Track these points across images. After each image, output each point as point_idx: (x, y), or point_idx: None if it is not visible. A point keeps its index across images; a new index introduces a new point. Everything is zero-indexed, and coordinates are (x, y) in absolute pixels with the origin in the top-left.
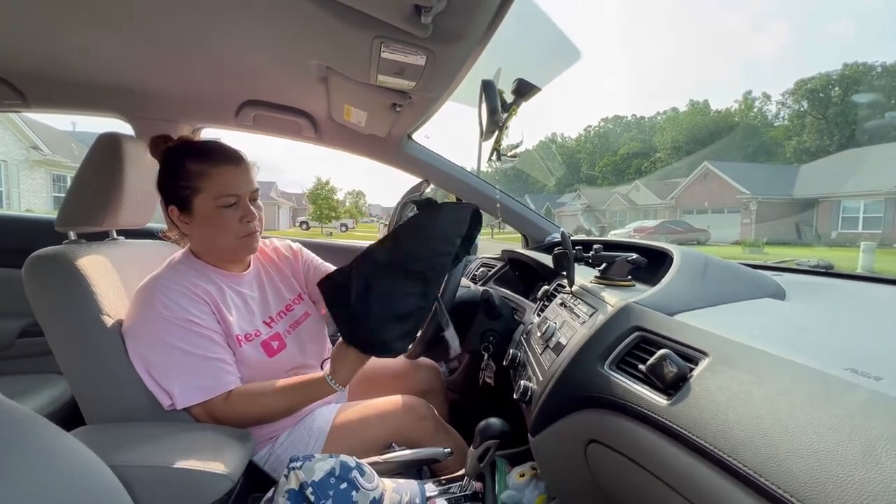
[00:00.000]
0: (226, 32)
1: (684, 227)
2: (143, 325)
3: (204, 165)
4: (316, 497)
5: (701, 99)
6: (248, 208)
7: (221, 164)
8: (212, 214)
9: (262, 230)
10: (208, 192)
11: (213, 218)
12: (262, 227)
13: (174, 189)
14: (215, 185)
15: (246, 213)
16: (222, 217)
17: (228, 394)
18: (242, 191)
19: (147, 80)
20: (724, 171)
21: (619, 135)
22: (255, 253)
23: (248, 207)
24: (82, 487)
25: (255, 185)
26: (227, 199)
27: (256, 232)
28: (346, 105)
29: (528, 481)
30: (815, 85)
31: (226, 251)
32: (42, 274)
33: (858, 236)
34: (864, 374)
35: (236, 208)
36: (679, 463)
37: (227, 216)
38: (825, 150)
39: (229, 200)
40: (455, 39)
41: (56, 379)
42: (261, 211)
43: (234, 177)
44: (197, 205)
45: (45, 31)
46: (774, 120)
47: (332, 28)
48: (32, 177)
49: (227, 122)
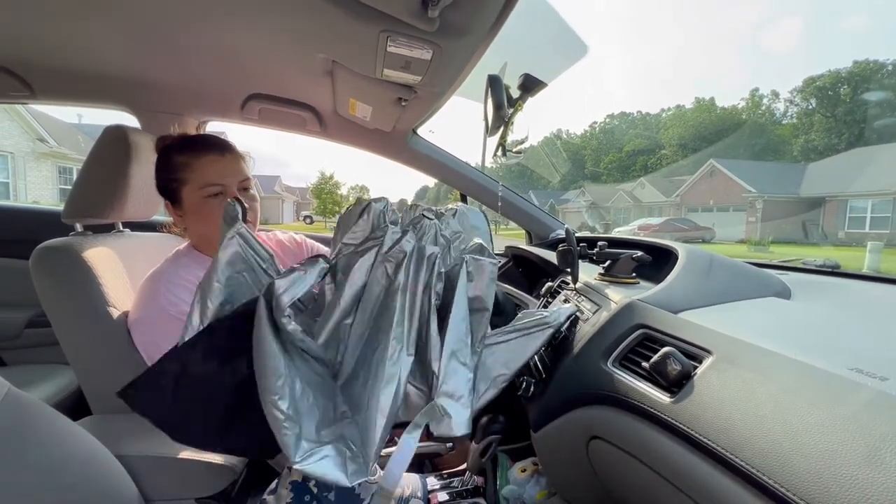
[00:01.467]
0: (232, 26)
1: (689, 225)
2: (148, 319)
3: (188, 157)
4: (319, 489)
5: (707, 96)
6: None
7: (205, 155)
8: (199, 205)
9: (257, 221)
10: (193, 182)
11: (201, 209)
12: (257, 217)
13: (165, 183)
14: (199, 176)
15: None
16: (209, 207)
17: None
18: (228, 180)
19: (153, 73)
20: (729, 169)
21: (624, 131)
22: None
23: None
24: (88, 476)
25: (246, 175)
26: (212, 188)
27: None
28: (351, 99)
29: (530, 476)
30: (823, 83)
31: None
32: (49, 265)
33: (866, 236)
34: (869, 374)
35: (223, 198)
36: (681, 460)
37: (214, 206)
38: (833, 148)
39: (214, 190)
40: (461, 34)
41: (62, 369)
42: (255, 202)
43: (219, 166)
44: (185, 197)
45: (51, 23)
46: (782, 118)
47: (339, 22)
48: (39, 169)
49: (233, 115)
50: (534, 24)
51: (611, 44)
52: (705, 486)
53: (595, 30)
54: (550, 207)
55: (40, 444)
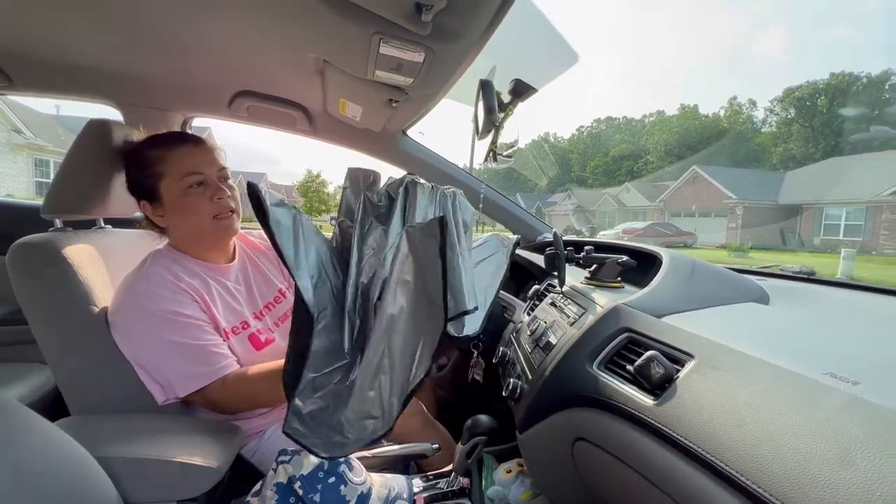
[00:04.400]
0: (222, 21)
1: (672, 230)
2: (131, 321)
3: (161, 150)
4: (304, 490)
5: (691, 103)
6: (217, 185)
7: (179, 146)
8: (180, 198)
9: (240, 212)
10: (172, 174)
11: (183, 201)
12: (239, 208)
13: (139, 182)
14: (177, 167)
15: (216, 190)
16: (191, 198)
17: (225, 378)
18: (207, 169)
19: (138, 67)
20: (711, 176)
21: (610, 136)
22: (237, 236)
23: (216, 184)
24: (67, 478)
25: (223, 165)
26: (193, 177)
27: (232, 211)
28: (341, 99)
29: (515, 477)
30: (802, 93)
31: (204, 236)
32: (27, 262)
33: (840, 243)
34: (842, 378)
35: (205, 187)
36: (664, 462)
37: (196, 197)
38: (810, 157)
39: (195, 179)
40: (454, 38)
41: (38, 368)
42: (235, 192)
43: (196, 155)
44: (164, 191)
45: (33, 13)
46: (762, 126)
47: (331, 22)
48: (14, 160)
49: (220, 111)
50: (526, 31)
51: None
52: (686, 486)
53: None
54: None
55: (16, 445)
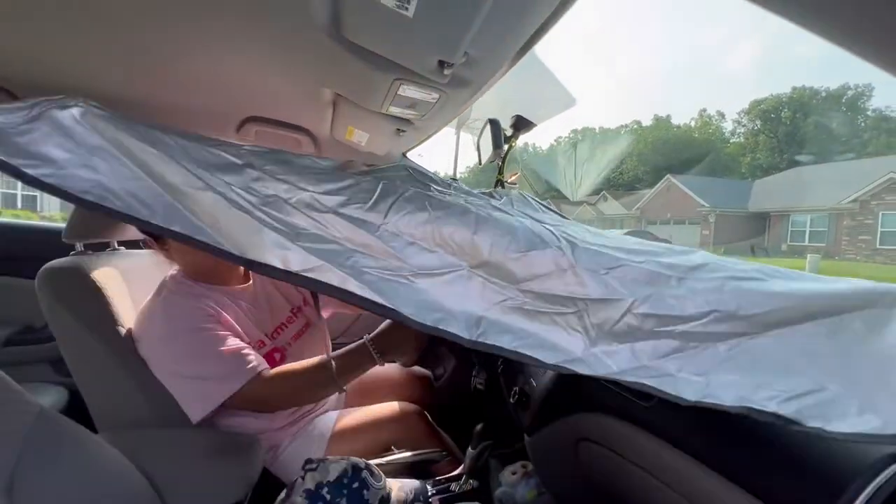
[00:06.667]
0: (238, 54)
1: (648, 237)
2: (161, 343)
3: None
4: (332, 496)
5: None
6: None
7: None
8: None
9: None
10: None
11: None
12: None
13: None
14: None
15: None
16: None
17: (260, 374)
18: None
19: (150, 93)
20: (685, 184)
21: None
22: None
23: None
24: (116, 488)
25: None
26: None
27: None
28: (349, 126)
29: (520, 478)
30: (767, 106)
31: (211, 268)
32: (58, 286)
33: (806, 248)
34: None
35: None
36: (659, 454)
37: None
38: (776, 167)
39: None
40: (467, 84)
41: (44, 388)
42: None
43: None
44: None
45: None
46: (731, 137)
47: (354, 67)
48: None
49: (229, 136)
50: (528, 77)
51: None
52: (682, 476)
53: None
54: None
55: (72, 458)
